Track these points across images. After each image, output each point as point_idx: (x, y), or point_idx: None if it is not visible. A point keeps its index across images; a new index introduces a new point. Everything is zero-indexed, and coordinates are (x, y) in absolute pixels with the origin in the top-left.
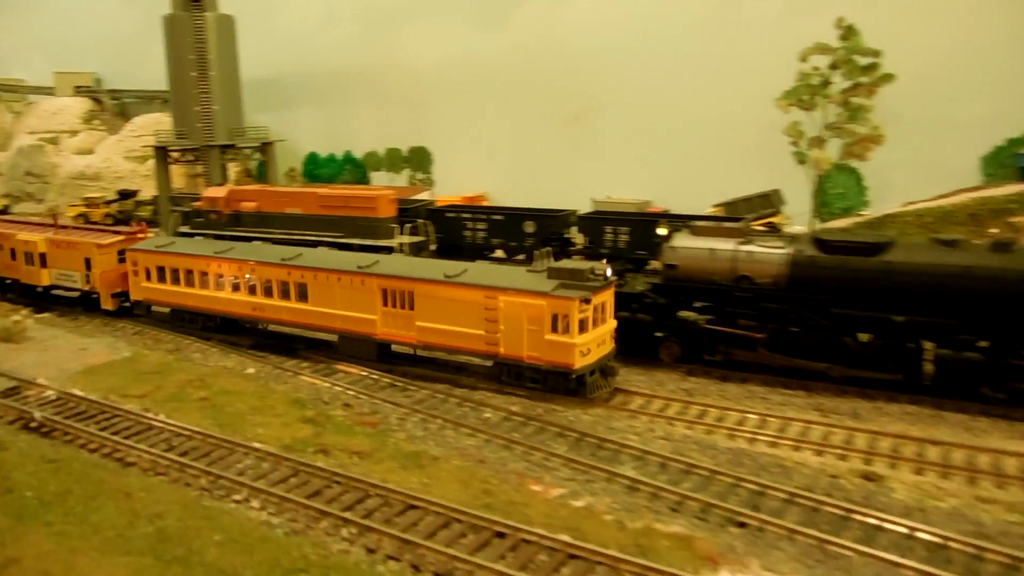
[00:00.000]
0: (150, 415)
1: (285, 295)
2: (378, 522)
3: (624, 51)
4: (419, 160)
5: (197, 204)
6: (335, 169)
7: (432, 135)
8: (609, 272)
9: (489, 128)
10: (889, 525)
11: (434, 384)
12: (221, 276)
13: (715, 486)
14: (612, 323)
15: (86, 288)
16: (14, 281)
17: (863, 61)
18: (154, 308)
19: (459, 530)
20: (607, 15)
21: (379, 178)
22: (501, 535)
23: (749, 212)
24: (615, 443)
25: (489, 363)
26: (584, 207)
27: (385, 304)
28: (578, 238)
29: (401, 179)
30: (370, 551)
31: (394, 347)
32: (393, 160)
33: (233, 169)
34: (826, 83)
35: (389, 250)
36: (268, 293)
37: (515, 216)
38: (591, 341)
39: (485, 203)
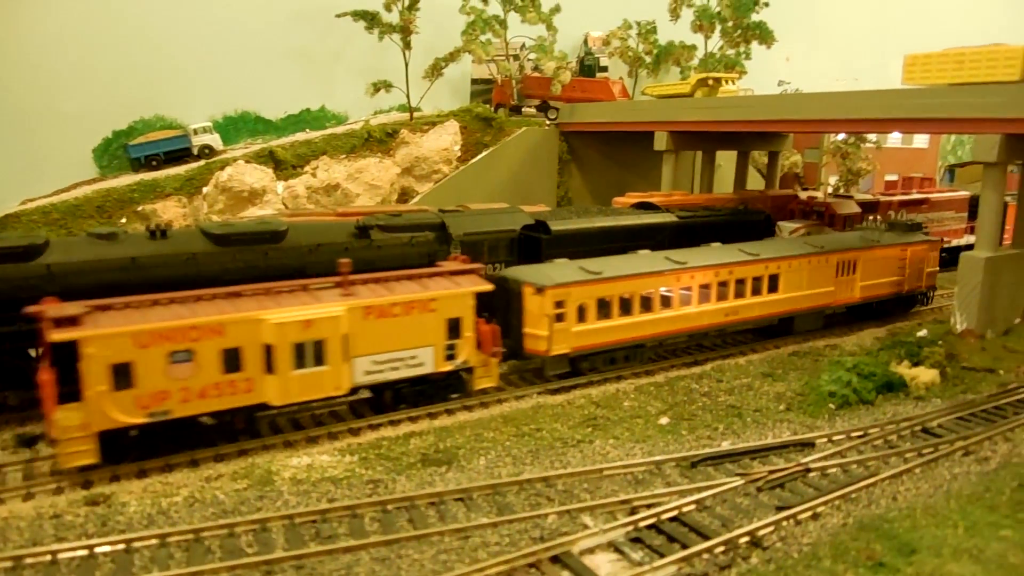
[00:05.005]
0: None
1: (756, 291)
2: None
3: None
4: None
5: None
6: None
7: None
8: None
9: None
10: (139, 542)
11: None
12: (686, 289)
13: None
14: None
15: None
16: None
17: None
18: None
19: None
20: None
21: None
22: None
23: None
24: None
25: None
26: None
27: (837, 275)
28: None
29: None
30: None
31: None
32: None
33: None
34: None
35: None
36: (740, 294)
37: None
38: None
39: None
